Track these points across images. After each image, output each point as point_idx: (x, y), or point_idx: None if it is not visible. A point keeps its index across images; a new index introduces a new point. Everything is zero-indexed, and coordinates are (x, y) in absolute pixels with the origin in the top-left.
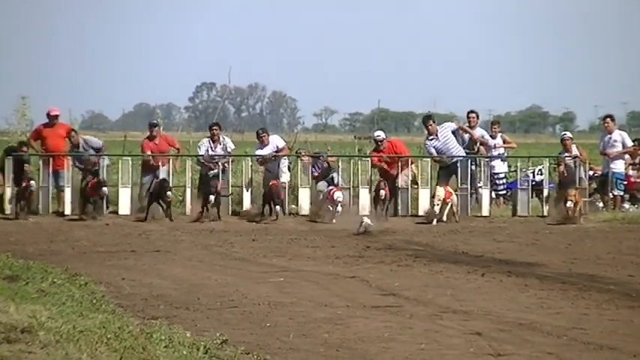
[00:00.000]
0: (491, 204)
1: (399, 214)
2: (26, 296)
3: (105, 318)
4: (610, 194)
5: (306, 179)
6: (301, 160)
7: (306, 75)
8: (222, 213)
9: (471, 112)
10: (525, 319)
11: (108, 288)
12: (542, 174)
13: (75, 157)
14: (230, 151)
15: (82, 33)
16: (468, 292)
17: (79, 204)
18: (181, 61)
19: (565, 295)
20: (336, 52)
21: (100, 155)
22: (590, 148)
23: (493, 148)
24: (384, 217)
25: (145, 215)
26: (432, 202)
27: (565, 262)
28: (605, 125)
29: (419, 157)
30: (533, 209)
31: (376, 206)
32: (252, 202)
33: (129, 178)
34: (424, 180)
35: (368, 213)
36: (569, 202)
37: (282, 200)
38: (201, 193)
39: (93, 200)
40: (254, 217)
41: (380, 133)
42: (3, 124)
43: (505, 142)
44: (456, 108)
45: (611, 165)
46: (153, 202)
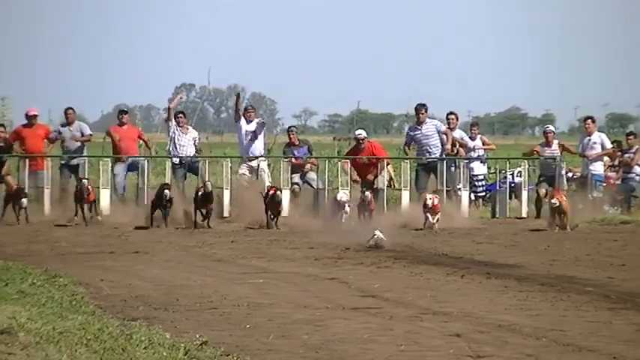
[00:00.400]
0: (470, 206)
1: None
2: (6, 297)
3: (84, 319)
4: (589, 196)
5: (286, 180)
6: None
7: (286, 76)
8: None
9: (451, 113)
10: (505, 320)
11: (87, 289)
12: (521, 175)
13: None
14: (197, 143)
15: (61, 33)
16: (447, 294)
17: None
18: (161, 62)
19: (544, 297)
20: (316, 54)
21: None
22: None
23: (472, 149)
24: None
25: (150, 222)
26: (425, 212)
27: (544, 264)
28: (586, 127)
29: (398, 158)
30: (512, 211)
31: (360, 213)
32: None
33: (107, 179)
34: (404, 182)
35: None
36: (553, 199)
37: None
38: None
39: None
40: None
41: (361, 131)
42: None
43: (484, 144)
44: (436, 109)
45: (591, 167)
46: (156, 208)
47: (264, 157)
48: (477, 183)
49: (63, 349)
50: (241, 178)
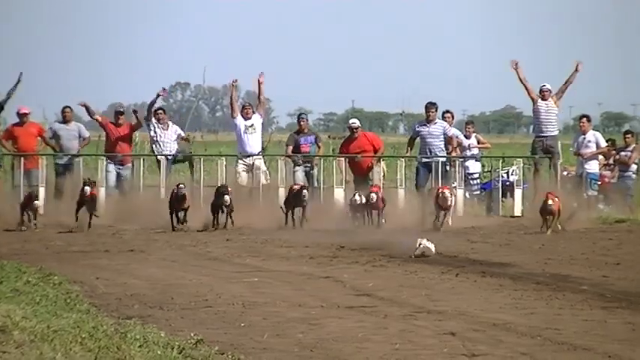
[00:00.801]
0: (465, 204)
1: None
2: (0, 296)
3: (79, 317)
4: (584, 195)
5: (282, 178)
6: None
7: (281, 75)
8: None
9: (447, 111)
10: (499, 319)
11: (82, 287)
12: (515, 174)
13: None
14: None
15: (54, 31)
16: (442, 293)
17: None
18: (156, 61)
19: (539, 296)
20: (311, 53)
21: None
22: (564, 148)
23: (467, 148)
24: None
25: (172, 226)
26: (439, 208)
27: (539, 263)
28: (581, 125)
29: (393, 157)
30: (507, 209)
31: (362, 214)
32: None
33: (103, 178)
34: (399, 180)
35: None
36: (549, 201)
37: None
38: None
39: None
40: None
41: (355, 120)
42: None
43: (479, 143)
44: None
45: (585, 165)
46: (173, 211)
47: (261, 156)
48: (471, 181)
49: (57, 347)
50: (238, 175)
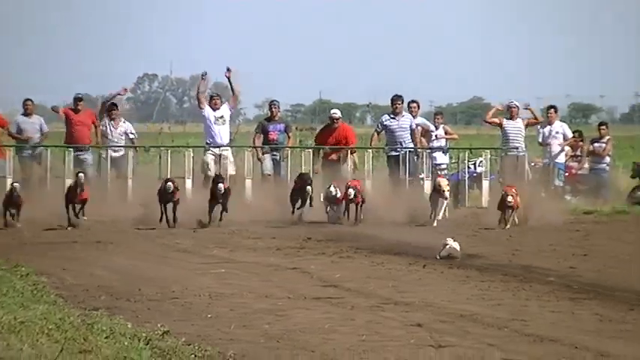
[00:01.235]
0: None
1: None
2: None
3: (46, 309)
4: (552, 186)
5: (250, 169)
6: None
7: (248, 66)
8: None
9: (412, 101)
10: (466, 310)
11: (49, 279)
12: (482, 165)
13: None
14: (133, 138)
15: (19, 20)
16: (409, 284)
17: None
18: (123, 52)
19: (506, 287)
20: (277, 44)
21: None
22: (530, 140)
23: (435, 138)
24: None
25: (160, 217)
26: (436, 197)
27: (506, 254)
28: (549, 116)
29: (362, 148)
30: (474, 200)
31: (347, 210)
32: None
33: (71, 169)
34: (366, 171)
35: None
36: (509, 197)
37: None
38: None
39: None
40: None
41: (336, 111)
42: None
43: (447, 134)
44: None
45: (553, 156)
46: (162, 203)
47: (229, 147)
48: (439, 172)
49: (24, 338)
50: (206, 166)
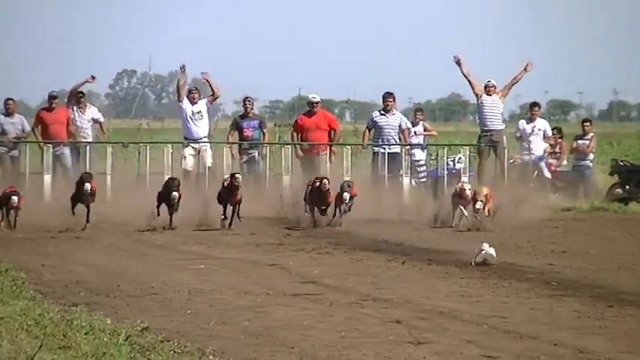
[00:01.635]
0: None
1: None
2: None
3: (25, 305)
4: (531, 184)
5: (229, 165)
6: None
7: (226, 62)
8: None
9: (388, 94)
10: (445, 307)
11: (28, 275)
12: (461, 162)
13: None
14: (100, 121)
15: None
16: (388, 280)
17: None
18: (102, 48)
19: (485, 284)
20: (256, 39)
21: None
22: (509, 137)
23: (413, 134)
24: (339, 220)
25: (157, 214)
26: (457, 202)
27: None
28: (534, 113)
29: (341, 144)
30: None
31: (338, 207)
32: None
33: (49, 164)
34: (345, 168)
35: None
36: (478, 202)
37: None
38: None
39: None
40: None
41: (316, 95)
42: None
43: (426, 130)
44: (377, 96)
45: (533, 152)
46: (161, 202)
47: (207, 142)
48: (418, 169)
49: (3, 334)
50: (185, 161)
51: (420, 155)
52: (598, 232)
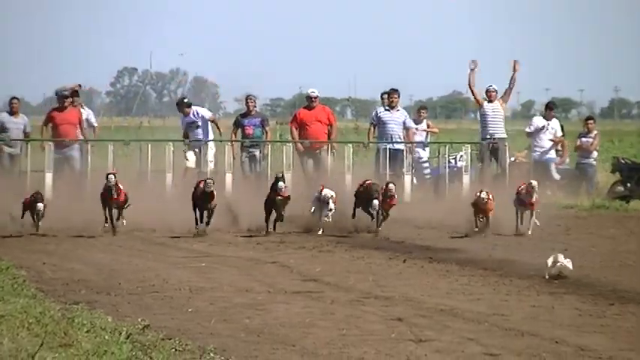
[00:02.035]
0: (412, 190)
1: None
2: None
3: (26, 303)
4: (548, 181)
5: (230, 163)
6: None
7: (228, 60)
8: None
9: (393, 90)
10: (446, 304)
11: (29, 273)
12: (463, 159)
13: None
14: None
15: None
16: (389, 278)
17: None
18: (103, 46)
19: (486, 281)
20: (258, 38)
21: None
22: (512, 134)
23: (416, 130)
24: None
25: (196, 223)
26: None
27: (486, 248)
28: (552, 114)
29: (341, 142)
30: (454, 195)
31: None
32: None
33: (50, 163)
34: (346, 166)
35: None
36: (482, 197)
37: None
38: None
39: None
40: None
41: (314, 90)
42: None
43: (428, 127)
44: (378, 93)
45: (542, 148)
46: (197, 208)
47: (207, 141)
48: (422, 166)
49: (4, 332)
50: (185, 156)
51: (422, 153)
52: (599, 230)
